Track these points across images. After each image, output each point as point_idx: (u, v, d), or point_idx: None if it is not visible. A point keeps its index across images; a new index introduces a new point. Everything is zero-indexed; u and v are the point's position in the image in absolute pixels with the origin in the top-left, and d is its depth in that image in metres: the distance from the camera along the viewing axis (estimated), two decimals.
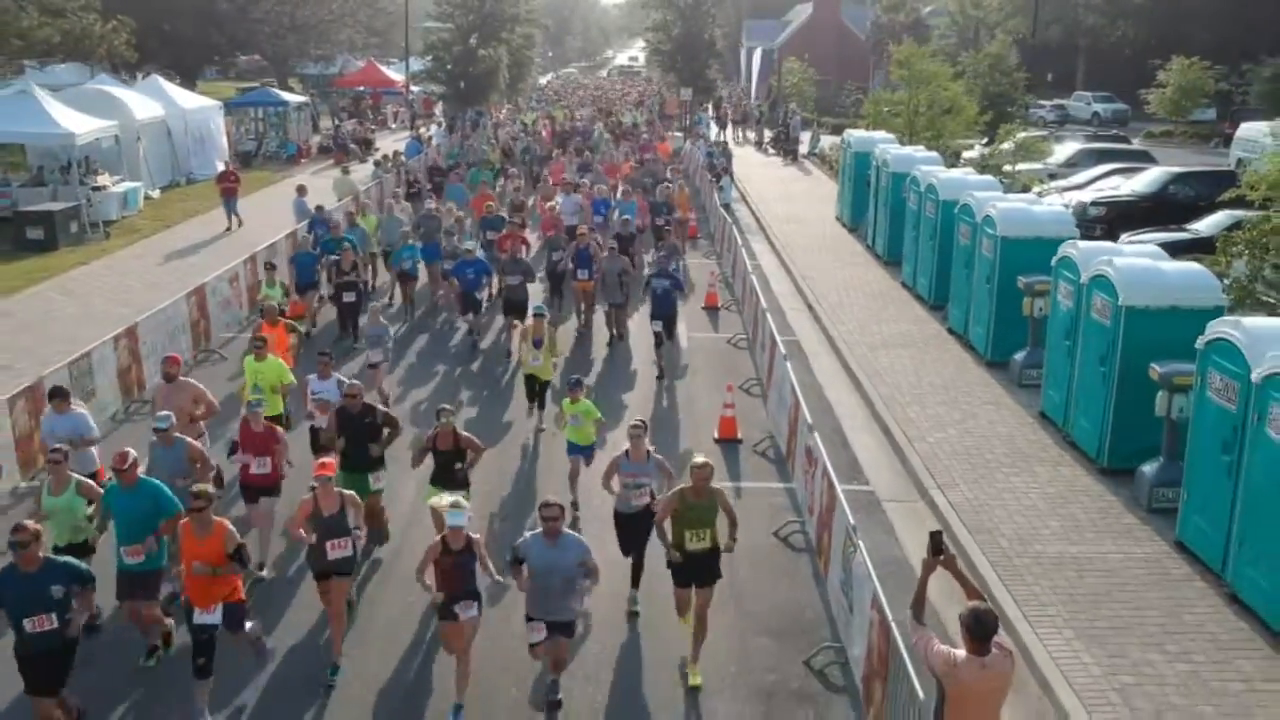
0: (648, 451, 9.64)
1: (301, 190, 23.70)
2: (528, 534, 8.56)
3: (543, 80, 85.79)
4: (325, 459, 9.18)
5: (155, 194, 31.35)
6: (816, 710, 8.51)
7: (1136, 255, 13.16)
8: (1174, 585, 10.10)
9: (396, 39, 71.96)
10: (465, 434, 10.40)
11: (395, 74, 59.02)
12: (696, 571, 8.86)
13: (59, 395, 10.73)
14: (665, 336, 16.65)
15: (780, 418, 13.85)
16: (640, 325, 18.40)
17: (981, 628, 5.96)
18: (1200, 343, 10.41)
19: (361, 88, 57.57)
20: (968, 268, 17.46)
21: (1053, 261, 13.99)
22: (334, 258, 17.68)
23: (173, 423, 9.83)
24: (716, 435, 14.00)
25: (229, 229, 26.96)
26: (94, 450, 10.81)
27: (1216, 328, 10.25)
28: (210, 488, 8.39)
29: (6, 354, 16.57)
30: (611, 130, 41.63)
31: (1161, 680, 8.63)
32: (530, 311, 14.31)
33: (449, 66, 49.92)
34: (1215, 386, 10.15)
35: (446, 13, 50.41)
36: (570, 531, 8.46)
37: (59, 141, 26.94)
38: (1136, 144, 39.18)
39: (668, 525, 8.84)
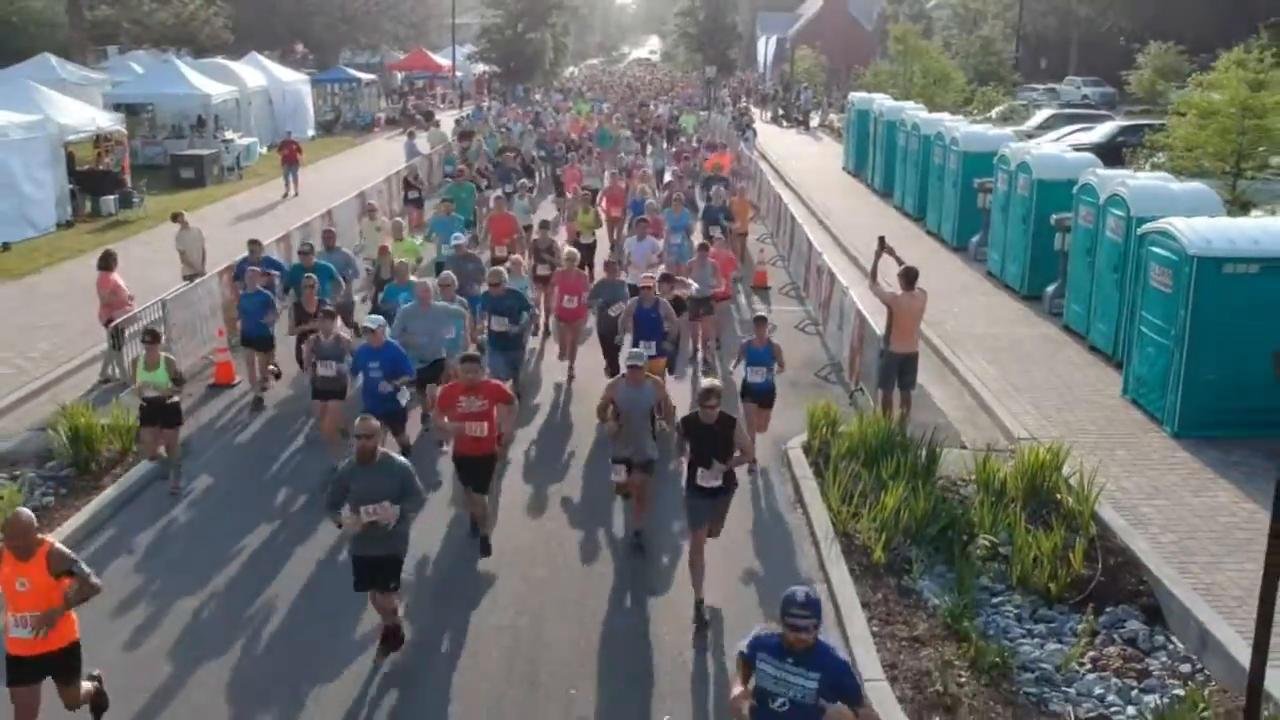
0: None
1: (411, 135, 29.26)
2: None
3: (568, 72, 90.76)
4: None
5: (263, 150, 36.97)
6: (820, 390, 13.98)
7: (1049, 150, 18.59)
8: (1055, 345, 15.55)
9: (429, 31, 77.90)
10: None
11: (442, 59, 64.78)
12: None
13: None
14: None
15: (798, 268, 19.34)
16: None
17: (910, 275, 11.42)
18: (1075, 189, 15.80)
19: (401, 74, 63.39)
20: (940, 180, 22.90)
21: (994, 160, 19.41)
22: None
23: None
24: (754, 284, 19.50)
25: (286, 195, 28.68)
26: None
27: (1084, 176, 15.64)
28: None
29: (226, 246, 22.16)
30: (640, 128, 36.50)
31: (1033, 378, 14.09)
32: None
33: (499, 48, 55.78)
34: (1083, 215, 15.54)
35: None
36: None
37: (197, 102, 32.60)
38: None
39: None
